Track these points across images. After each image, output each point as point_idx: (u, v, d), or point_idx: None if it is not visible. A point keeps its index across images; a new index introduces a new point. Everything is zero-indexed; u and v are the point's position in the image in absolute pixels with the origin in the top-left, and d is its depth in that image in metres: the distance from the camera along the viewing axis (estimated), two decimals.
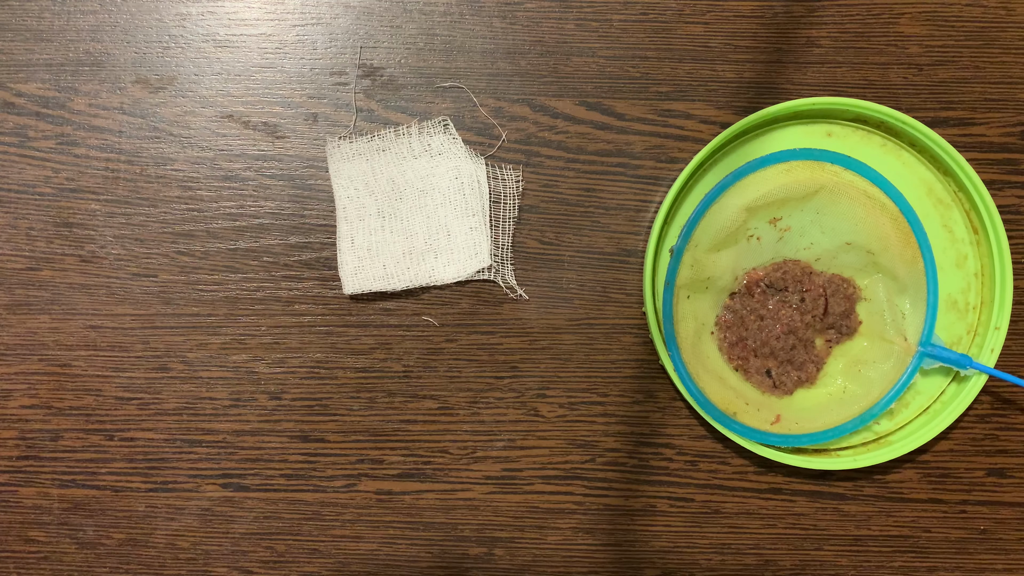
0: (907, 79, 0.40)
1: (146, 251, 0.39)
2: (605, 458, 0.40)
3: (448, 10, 0.39)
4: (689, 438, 0.40)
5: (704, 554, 0.40)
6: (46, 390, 0.39)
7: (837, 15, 0.40)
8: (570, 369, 0.40)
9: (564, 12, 0.39)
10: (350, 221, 0.39)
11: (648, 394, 0.40)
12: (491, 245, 0.39)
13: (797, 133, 0.39)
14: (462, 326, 0.39)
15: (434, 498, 0.40)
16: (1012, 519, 0.41)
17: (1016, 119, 0.40)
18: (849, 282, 0.39)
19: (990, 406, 0.40)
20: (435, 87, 0.39)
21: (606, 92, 0.39)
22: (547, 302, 0.39)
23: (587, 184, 0.39)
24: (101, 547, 0.40)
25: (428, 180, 0.39)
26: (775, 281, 0.39)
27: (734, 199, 0.37)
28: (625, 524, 0.40)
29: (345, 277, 0.38)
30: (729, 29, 0.39)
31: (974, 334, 0.40)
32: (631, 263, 0.40)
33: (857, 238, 0.39)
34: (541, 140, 0.39)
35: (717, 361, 0.40)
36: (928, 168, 0.40)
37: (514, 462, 0.40)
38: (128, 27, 0.39)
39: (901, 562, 0.41)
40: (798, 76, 0.40)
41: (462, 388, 0.39)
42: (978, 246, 0.40)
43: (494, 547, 0.40)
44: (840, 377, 0.40)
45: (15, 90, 0.39)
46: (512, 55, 0.39)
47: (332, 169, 0.39)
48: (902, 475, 0.40)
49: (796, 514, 0.40)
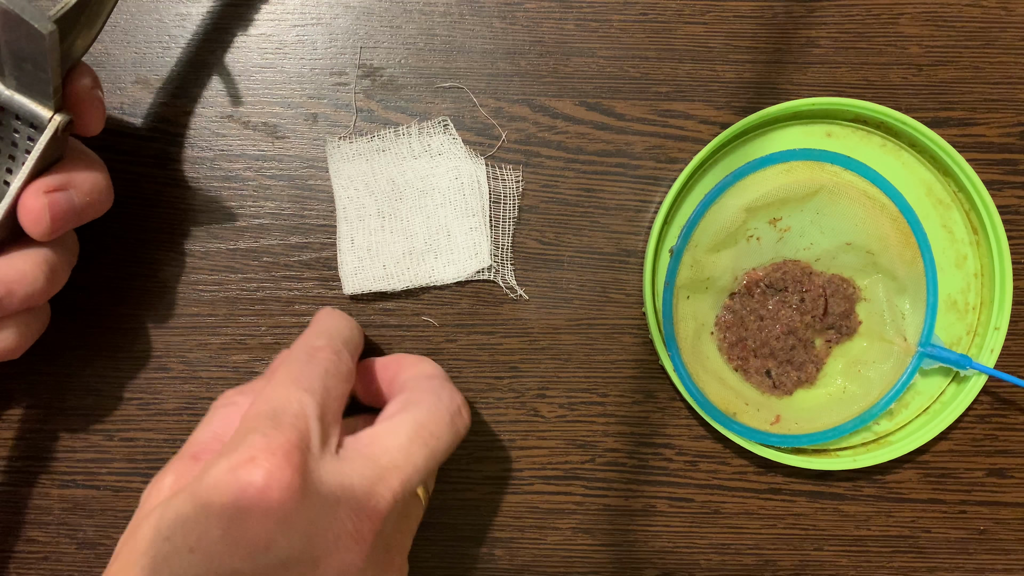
0: (907, 79, 0.40)
1: (146, 251, 0.39)
2: (605, 458, 0.40)
3: (448, 10, 0.39)
4: (689, 438, 0.40)
5: (704, 554, 0.40)
6: (45, 390, 0.39)
7: (837, 15, 0.40)
8: (570, 369, 0.40)
9: (564, 12, 0.39)
10: (350, 221, 0.39)
11: (648, 394, 0.40)
12: (491, 245, 0.39)
13: (797, 133, 0.39)
14: (462, 326, 0.39)
15: (434, 498, 0.40)
16: (1012, 519, 0.41)
17: (1016, 119, 0.40)
18: (849, 282, 0.39)
19: (990, 406, 0.41)
20: (435, 87, 0.39)
21: (606, 92, 0.39)
22: (547, 302, 0.39)
23: (587, 184, 0.39)
24: (101, 547, 0.40)
25: (428, 180, 0.39)
26: (775, 281, 0.39)
27: (734, 199, 0.37)
28: (625, 524, 0.40)
29: (345, 277, 0.39)
30: (729, 29, 0.39)
31: (974, 334, 0.40)
32: (631, 263, 0.40)
33: (857, 238, 0.39)
34: (541, 140, 0.39)
35: (717, 361, 0.40)
36: (928, 168, 0.40)
37: (514, 462, 0.40)
38: (128, 27, 0.39)
39: (901, 562, 0.41)
40: (798, 76, 0.40)
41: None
42: (978, 246, 0.40)
43: (494, 547, 0.40)
44: (840, 377, 0.40)
45: None
46: (512, 55, 0.39)
47: (332, 169, 0.39)
48: (902, 475, 0.40)
49: (796, 514, 0.40)
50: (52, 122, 0.30)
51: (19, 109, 0.29)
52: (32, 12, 0.26)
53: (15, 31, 0.26)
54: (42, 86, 0.29)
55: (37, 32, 0.26)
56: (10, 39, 0.27)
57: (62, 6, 0.29)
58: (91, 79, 0.31)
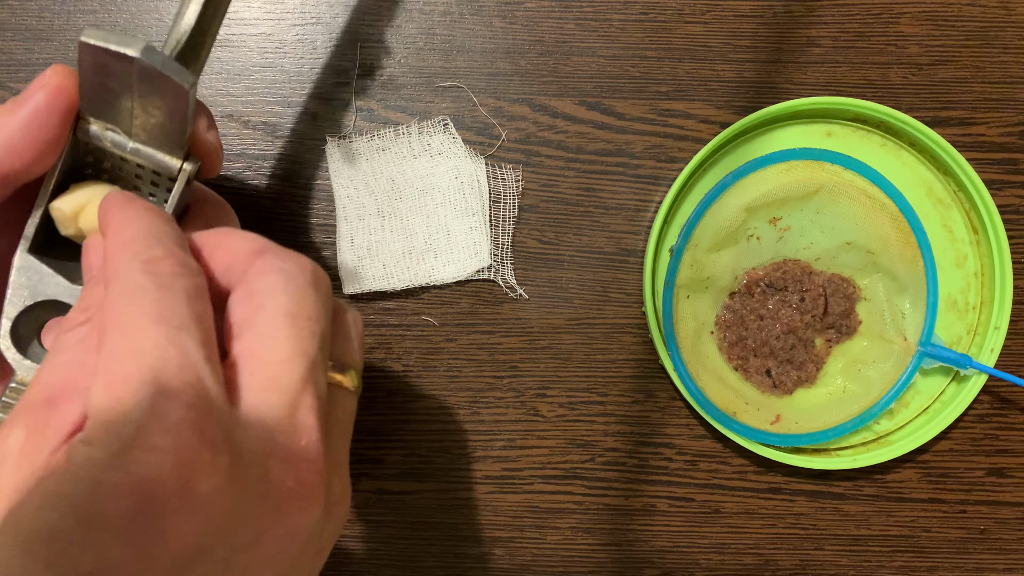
0: (907, 79, 0.40)
1: None
2: (605, 458, 0.40)
3: (448, 10, 0.39)
4: (689, 438, 0.40)
5: (704, 554, 0.40)
6: None
7: (837, 15, 0.40)
8: (570, 369, 0.40)
9: (564, 11, 0.39)
10: (350, 221, 0.39)
11: (648, 394, 0.40)
12: (491, 245, 0.39)
13: (797, 133, 0.39)
14: (462, 326, 0.39)
15: (434, 498, 0.40)
16: (1012, 519, 0.41)
17: (1016, 119, 0.40)
18: (849, 282, 0.39)
19: (990, 406, 0.40)
20: (435, 87, 0.39)
21: (606, 92, 0.39)
22: (547, 302, 0.39)
23: (587, 184, 0.39)
24: None
25: (428, 180, 0.39)
26: (775, 281, 0.39)
27: (734, 199, 0.37)
28: (625, 524, 0.40)
29: (345, 277, 0.38)
30: (729, 29, 0.39)
31: (974, 334, 0.40)
32: (631, 263, 0.40)
33: (857, 238, 0.39)
34: (541, 140, 0.39)
35: (717, 361, 0.40)
36: (928, 168, 0.40)
37: (514, 462, 0.40)
38: (128, 27, 0.39)
39: (901, 562, 0.41)
40: (798, 76, 0.40)
41: (462, 388, 0.39)
42: (978, 246, 0.40)
43: (494, 547, 0.40)
44: (840, 377, 0.40)
45: (15, 90, 0.39)
46: (512, 55, 0.39)
47: (332, 169, 0.39)
48: (902, 475, 0.40)
49: (796, 514, 0.40)
50: (183, 172, 0.27)
51: (147, 160, 0.27)
52: (173, 67, 0.24)
53: (150, 85, 0.24)
54: (172, 136, 0.26)
55: (178, 87, 0.24)
56: (144, 94, 0.25)
57: (176, 42, 0.27)
58: (208, 120, 0.28)
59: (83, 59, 0.24)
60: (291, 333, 0.22)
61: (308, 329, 0.23)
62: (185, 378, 0.20)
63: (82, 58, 0.24)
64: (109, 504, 0.19)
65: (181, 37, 0.27)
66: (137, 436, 0.19)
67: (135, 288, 0.21)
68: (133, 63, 0.23)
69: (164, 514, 0.19)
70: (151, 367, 0.20)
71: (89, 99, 0.26)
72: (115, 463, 0.19)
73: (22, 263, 0.27)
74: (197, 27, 0.27)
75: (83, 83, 0.25)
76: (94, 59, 0.24)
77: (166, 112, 0.25)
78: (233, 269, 0.24)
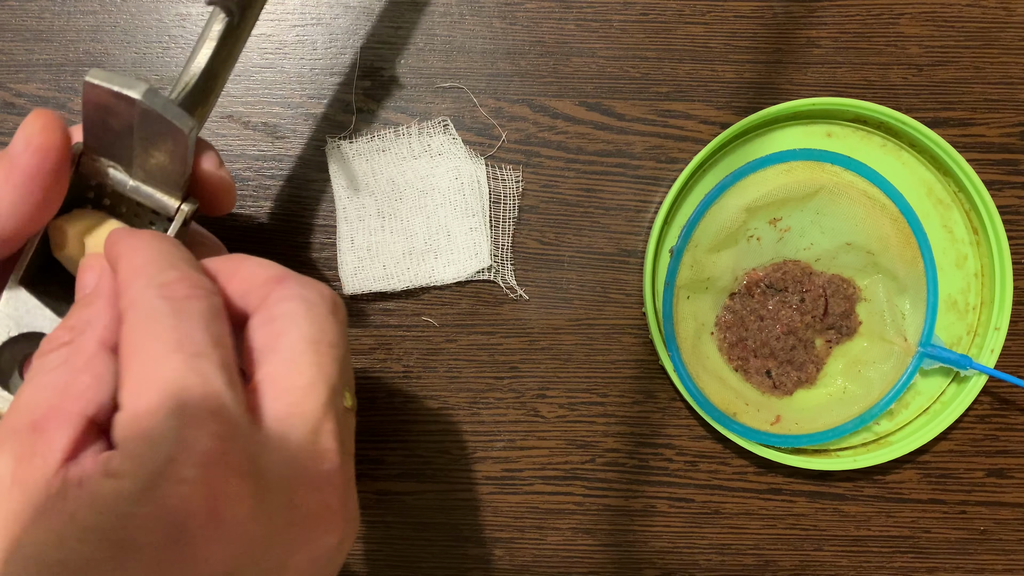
0: (907, 79, 0.40)
1: None
2: (605, 458, 0.40)
3: (448, 10, 0.39)
4: (689, 438, 0.40)
5: (704, 554, 0.40)
6: None
7: (837, 15, 0.40)
8: (570, 369, 0.40)
9: (564, 12, 0.39)
10: (350, 221, 0.39)
11: (648, 394, 0.40)
12: (491, 245, 0.39)
13: (797, 133, 0.39)
14: (462, 326, 0.39)
15: (434, 498, 0.40)
16: (1012, 519, 0.41)
17: (1016, 119, 0.40)
18: (849, 282, 0.39)
19: (990, 406, 0.40)
20: (435, 87, 0.39)
21: (606, 92, 0.39)
22: (547, 302, 0.39)
23: (587, 184, 0.39)
24: None
25: (428, 180, 0.39)
26: (775, 281, 0.39)
27: (734, 199, 0.37)
28: (625, 524, 0.40)
29: (345, 277, 0.38)
30: (729, 29, 0.39)
31: (974, 334, 0.40)
32: (631, 263, 0.40)
33: (857, 238, 0.39)
34: (541, 140, 0.39)
35: (717, 361, 0.40)
36: (928, 168, 0.40)
37: (514, 462, 0.40)
38: (128, 27, 0.39)
39: (901, 562, 0.41)
40: (798, 76, 0.40)
41: (462, 388, 0.39)
42: (978, 246, 0.40)
43: (494, 548, 0.40)
44: (840, 377, 0.40)
45: (15, 90, 0.39)
46: (512, 55, 0.39)
47: (332, 169, 0.39)
48: (902, 475, 0.40)
49: (796, 514, 0.40)
50: (180, 212, 0.28)
51: (146, 199, 0.27)
52: (174, 111, 0.24)
53: (151, 127, 0.25)
54: (171, 176, 0.27)
55: (177, 131, 0.25)
56: (145, 135, 0.25)
57: (183, 87, 0.27)
58: (215, 160, 0.28)
59: (87, 98, 0.25)
60: (314, 360, 0.23)
61: (330, 355, 0.23)
62: (208, 406, 0.20)
63: (86, 97, 0.25)
64: (141, 536, 0.19)
65: (190, 80, 0.27)
66: (166, 468, 0.19)
67: (152, 314, 0.22)
68: (135, 105, 0.24)
69: (194, 543, 0.19)
70: (174, 396, 0.20)
71: (93, 136, 0.26)
72: (146, 496, 0.19)
73: (11, 293, 0.27)
74: (207, 71, 0.28)
75: (87, 121, 0.26)
76: (98, 99, 0.25)
77: (166, 153, 0.26)
78: (251, 294, 0.24)
